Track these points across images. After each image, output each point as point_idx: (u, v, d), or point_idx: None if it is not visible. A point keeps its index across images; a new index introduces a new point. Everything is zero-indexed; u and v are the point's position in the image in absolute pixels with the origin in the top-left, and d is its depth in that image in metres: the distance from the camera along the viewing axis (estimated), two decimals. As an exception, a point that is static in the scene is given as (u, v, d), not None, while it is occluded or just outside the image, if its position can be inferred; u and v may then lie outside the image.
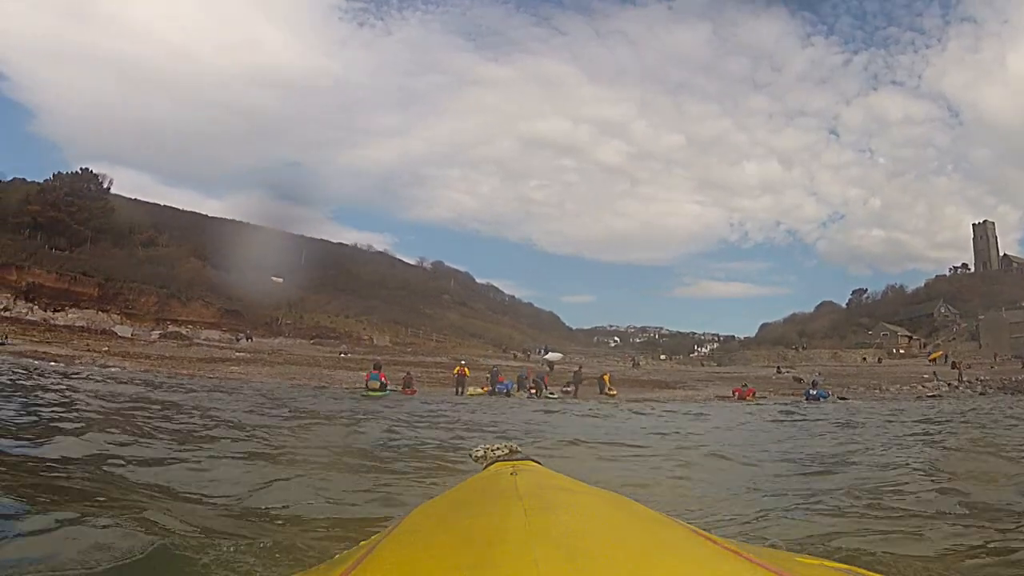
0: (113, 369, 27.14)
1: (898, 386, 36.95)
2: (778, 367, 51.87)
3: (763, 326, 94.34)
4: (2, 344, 34.96)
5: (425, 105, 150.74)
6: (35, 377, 16.65)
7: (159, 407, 11.46)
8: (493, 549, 1.10)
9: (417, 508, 1.78)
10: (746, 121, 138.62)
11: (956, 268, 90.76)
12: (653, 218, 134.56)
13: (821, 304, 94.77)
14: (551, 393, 28.53)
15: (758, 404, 25.32)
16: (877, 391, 34.91)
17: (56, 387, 13.55)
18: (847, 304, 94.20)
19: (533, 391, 28.29)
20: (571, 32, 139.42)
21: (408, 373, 28.93)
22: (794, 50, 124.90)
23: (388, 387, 23.02)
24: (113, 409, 10.43)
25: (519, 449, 2.55)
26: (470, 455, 2.67)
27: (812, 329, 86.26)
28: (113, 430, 7.46)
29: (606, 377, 33.53)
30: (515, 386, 29.09)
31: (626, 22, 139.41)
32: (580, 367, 37.59)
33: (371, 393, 21.67)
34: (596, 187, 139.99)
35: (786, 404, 23.93)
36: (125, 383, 18.34)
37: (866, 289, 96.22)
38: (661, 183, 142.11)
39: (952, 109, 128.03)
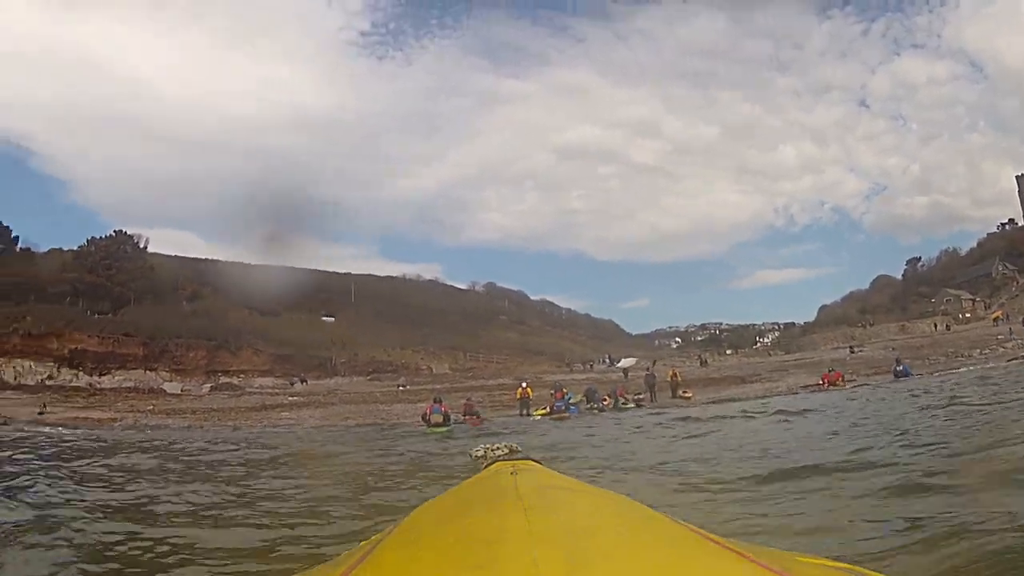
0: (145, 427, 24.59)
1: (978, 350, 33.89)
2: (850, 347, 49.37)
3: (822, 308, 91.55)
4: (40, 414, 33.00)
5: (455, 129, 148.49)
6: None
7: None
8: (493, 549, 1.12)
9: (418, 508, 1.80)
10: (776, 103, 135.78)
11: (1004, 224, 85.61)
12: (698, 212, 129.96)
13: (877, 278, 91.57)
14: (625, 403, 25.73)
15: (852, 389, 23.64)
16: (961, 358, 31.86)
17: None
18: (903, 275, 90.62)
19: (606, 403, 25.49)
20: (589, 38, 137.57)
21: (468, 399, 26.48)
22: (812, 25, 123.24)
23: (452, 418, 21.09)
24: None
25: (519, 449, 2.81)
26: (470, 455, 2.84)
27: (872, 305, 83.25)
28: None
29: (676, 375, 31.64)
30: (584, 401, 25.94)
31: (642, 20, 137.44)
32: (649, 370, 33.90)
33: (434, 430, 19.35)
34: (637, 189, 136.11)
35: (885, 385, 22.26)
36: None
37: (920, 257, 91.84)
38: (701, 176, 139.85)
39: (975, 64, 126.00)
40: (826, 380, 26.70)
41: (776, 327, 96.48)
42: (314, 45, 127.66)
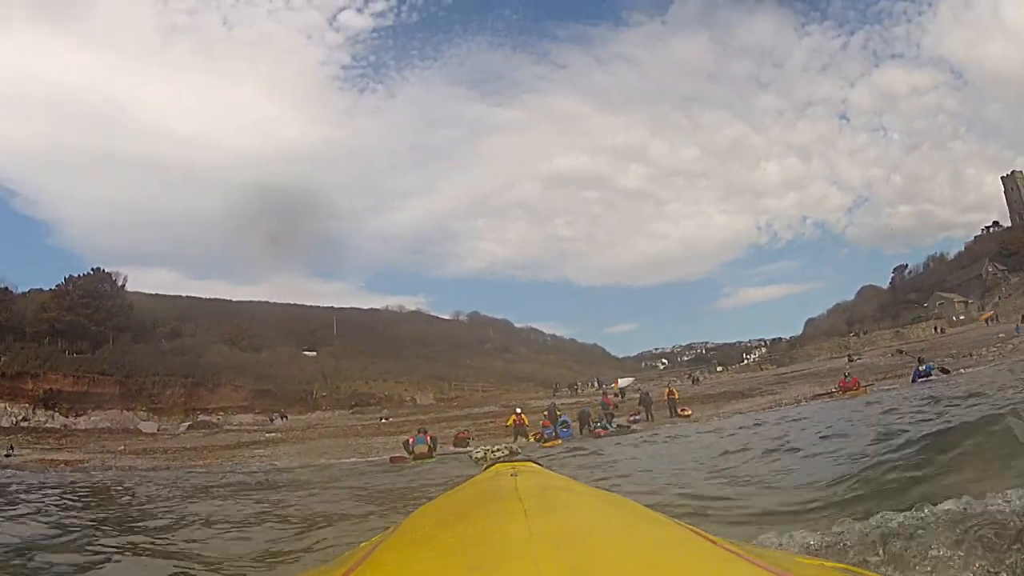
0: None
1: (984, 349, 33.37)
2: (848, 355, 49.56)
3: (809, 322, 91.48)
4: (8, 455, 32.78)
5: (441, 160, 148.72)
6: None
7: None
8: (494, 550, 1.13)
9: (418, 509, 1.83)
10: (759, 121, 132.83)
11: (989, 227, 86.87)
12: (683, 234, 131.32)
13: (862, 289, 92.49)
14: (614, 424, 24.93)
15: (872, 394, 21.77)
16: (968, 358, 30.93)
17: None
18: (890, 283, 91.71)
19: (597, 426, 24.37)
20: (571, 64, 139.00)
21: (465, 431, 26.74)
22: (791, 42, 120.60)
23: (438, 447, 19.88)
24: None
25: (519, 450, 3.32)
26: (470, 456, 3.33)
27: (859, 315, 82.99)
28: None
29: (674, 393, 30.35)
30: (576, 425, 25.22)
31: (623, 45, 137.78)
32: (642, 390, 34.22)
33: (418, 461, 18.08)
34: (623, 214, 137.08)
35: (909, 389, 20.14)
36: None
37: (906, 265, 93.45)
38: (686, 198, 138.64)
39: (955, 71, 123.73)
40: (842, 386, 25.51)
41: (763, 343, 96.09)
42: (296, 80, 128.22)
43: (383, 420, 46.05)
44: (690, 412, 28.11)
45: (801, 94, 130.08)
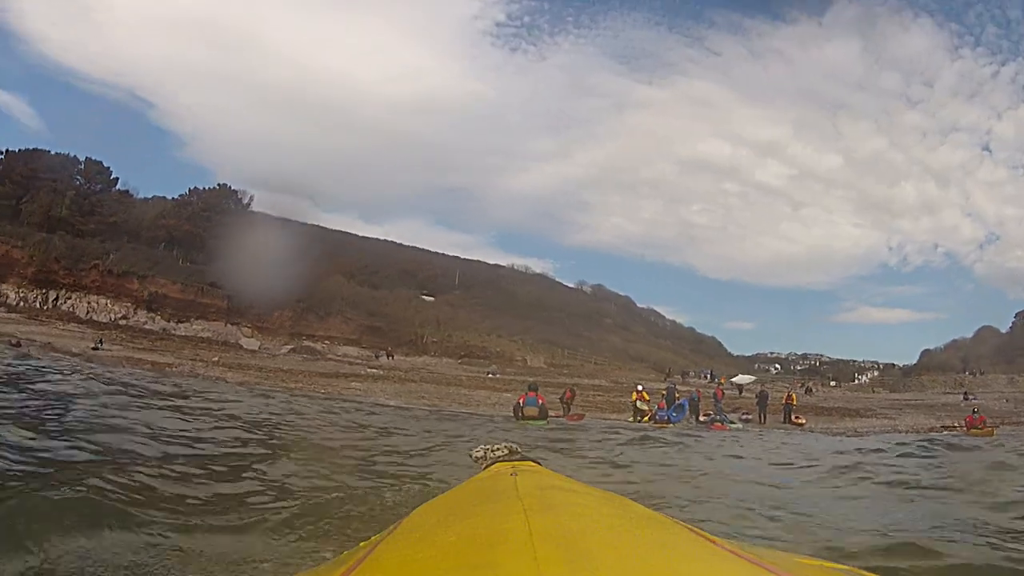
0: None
1: None
2: (964, 393, 47.11)
3: (924, 352, 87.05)
4: (95, 349, 31.16)
5: (583, 129, 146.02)
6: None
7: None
8: (494, 549, 1.12)
9: (417, 508, 1.78)
10: (901, 139, 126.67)
11: None
12: (813, 241, 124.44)
13: (980, 329, 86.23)
14: (731, 421, 24.04)
15: (997, 437, 20.17)
16: None
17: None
18: (1011, 328, 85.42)
19: (709, 417, 24.10)
20: (724, 52, 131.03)
21: (571, 390, 25.66)
22: (943, 63, 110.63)
23: (548, 413, 18.99)
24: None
25: (519, 449, 2.56)
26: (470, 455, 2.66)
27: (974, 354, 78.23)
28: None
29: (794, 399, 29.49)
30: (688, 411, 24.63)
31: (778, 40, 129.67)
32: (763, 390, 31.12)
33: (529, 422, 17.31)
34: (756, 210, 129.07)
35: None
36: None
37: None
38: (821, 205, 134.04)
39: None
40: (969, 423, 24.13)
41: (876, 365, 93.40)
42: (449, 30, 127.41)
43: (490, 375, 44.82)
44: (804, 421, 27.08)
45: (947, 117, 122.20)
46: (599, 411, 26.61)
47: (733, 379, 51.13)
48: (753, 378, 56.41)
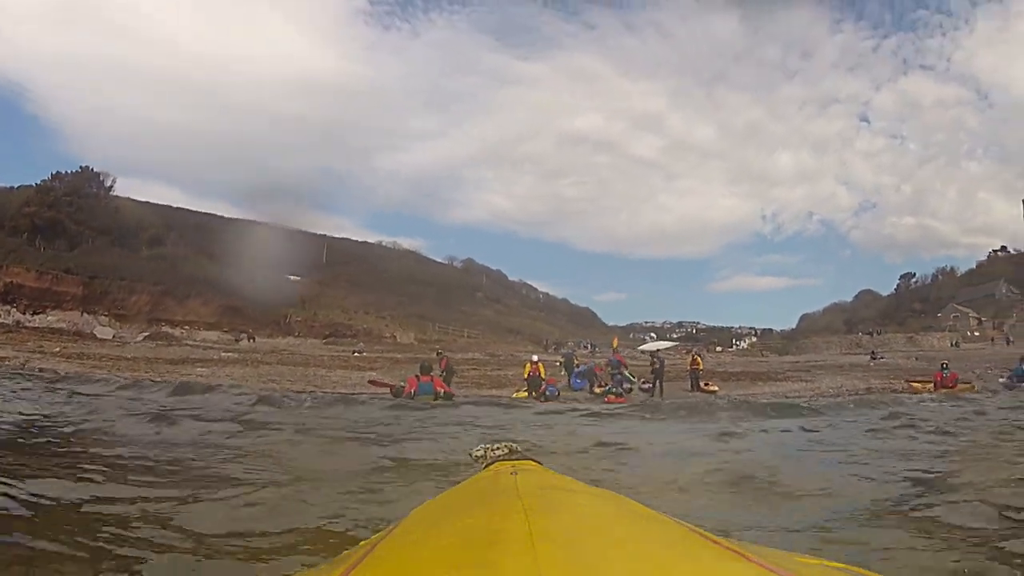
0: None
1: None
2: (871, 352, 47.07)
3: (803, 317, 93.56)
4: None
5: (459, 106, 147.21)
6: None
7: None
8: (493, 549, 1.11)
9: (417, 508, 1.79)
10: (779, 110, 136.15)
11: (997, 251, 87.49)
12: (688, 212, 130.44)
13: (861, 292, 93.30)
14: (630, 387, 22.29)
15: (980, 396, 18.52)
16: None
17: None
18: (896, 289, 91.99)
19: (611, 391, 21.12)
20: (601, 26, 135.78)
21: (445, 358, 23.16)
22: (824, 36, 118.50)
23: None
24: None
25: (519, 449, 2.58)
26: (470, 454, 2.73)
27: (858, 317, 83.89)
28: None
29: (699, 364, 26.00)
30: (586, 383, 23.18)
31: (656, 13, 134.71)
32: (658, 356, 26.67)
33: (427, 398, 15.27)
34: (631, 182, 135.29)
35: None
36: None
37: (914, 273, 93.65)
38: (696, 176, 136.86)
39: (981, 92, 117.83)
40: (939, 380, 21.80)
41: (753, 331, 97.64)
42: (320, 9, 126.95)
43: (355, 353, 44.32)
44: (716, 388, 24.52)
45: (826, 89, 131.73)
46: (475, 387, 24.66)
47: (642, 347, 52.42)
48: (671, 344, 57.98)
